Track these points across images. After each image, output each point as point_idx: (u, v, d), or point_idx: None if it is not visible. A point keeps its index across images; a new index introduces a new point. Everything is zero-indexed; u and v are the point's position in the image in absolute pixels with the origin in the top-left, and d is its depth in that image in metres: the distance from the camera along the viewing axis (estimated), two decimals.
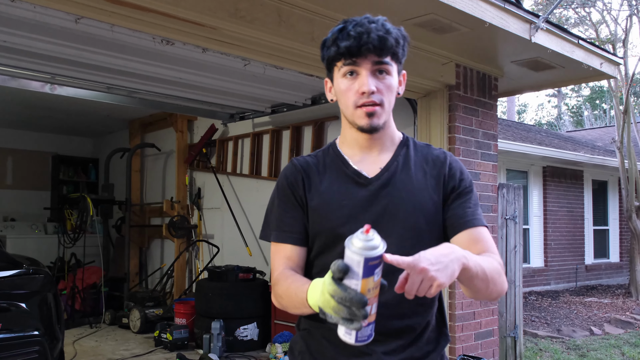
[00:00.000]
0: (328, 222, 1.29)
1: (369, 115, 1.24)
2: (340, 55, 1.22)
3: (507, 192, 4.78)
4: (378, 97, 1.23)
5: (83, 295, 6.42)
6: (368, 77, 1.21)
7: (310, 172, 1.35)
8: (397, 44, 1.23)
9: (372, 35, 1.19)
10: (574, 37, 3.86)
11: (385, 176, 1.30)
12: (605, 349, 5.61)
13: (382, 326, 1.23)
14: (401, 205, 1.27)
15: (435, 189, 1.31)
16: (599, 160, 10.25)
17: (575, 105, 29.26)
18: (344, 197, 1.29)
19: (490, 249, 1.29)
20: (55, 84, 4.52)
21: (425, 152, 1.37)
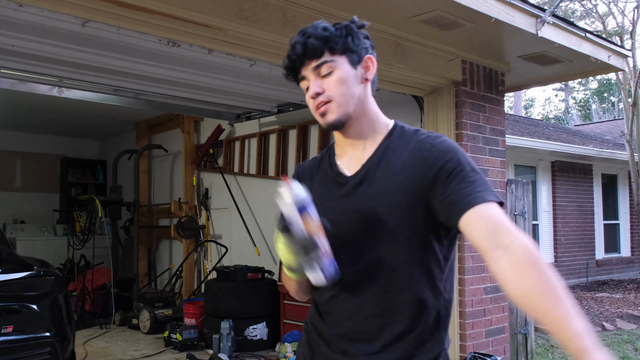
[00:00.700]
0: None
1: (322, 114, 1.27)
2: (288, 75, 1.30)
3: (515, 188, 4.76)
4: (325, 95, 1.25)
5: (93, 296, 6.46)
6: (312, 82, 1.26)
7: (304, 177, 1.40)
8: (327, 40, 1.23)
9: (297, 47, 1.24)
10: (581, 30, 3.83)
11: (362, 173, 1.27)
12: (617, 345, 5.57)
13: (362, 325, 1.25)
14: (372, 202, 1.24)
15: (415, 181, 1.22)
16: (608, 154, 10.17)
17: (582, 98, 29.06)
18: (325, 199, 1.29)
19: (506, 229, 1.11)
20: (63, 87, 4.55)
21: (409, 139, 1.29)
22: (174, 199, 7.03)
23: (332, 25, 1.26)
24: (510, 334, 4.46)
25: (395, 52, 3.46)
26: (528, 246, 1.08)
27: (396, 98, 4.40)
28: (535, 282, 1.04)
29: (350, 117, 1.27)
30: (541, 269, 1.05)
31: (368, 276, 1.24)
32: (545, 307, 1.02)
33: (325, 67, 1.24)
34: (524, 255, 1.07)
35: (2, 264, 3.18)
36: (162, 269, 7.41)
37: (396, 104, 4.49)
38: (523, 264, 1.07)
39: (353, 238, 1.25)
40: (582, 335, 0.97)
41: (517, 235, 1.11)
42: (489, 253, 1.12)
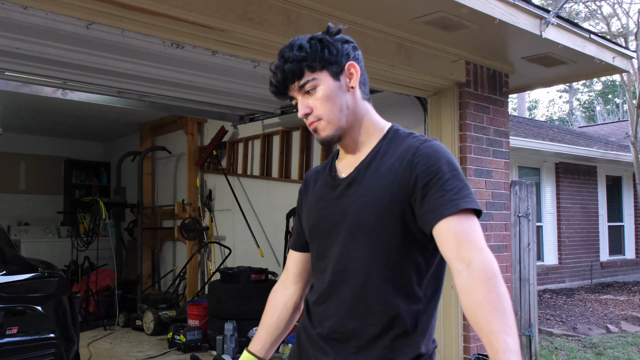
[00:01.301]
0: (307, 223, 1.39)
1: (315, 131, 1.30)
2: (277, 97, 1.34)
3: (519, 190, 4.75)
4: (313, 115, 1.28)
5: (97, 298, 6.47)
6: (300, 103, 1.29)
7: (311, 180, 1.44)
8: (303, 61, 1.24)
9: (277, 74, 1.27)
10: (585, 31, 3.82)
11: (352, 175, 1.30)
12: (622, 347, 5.54)
13: (339, 325, 1.27)
14: (359, 203, 1.26)
15: (398, 184, 1.22)
16: (613, 156, 10.14)
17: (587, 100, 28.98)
18: (320, 201, 1.35)
19: (471, 245, 1.13)
20: (67, 89, 4.57)
21: (400, 142, 1.29)
22: (178, 200, 7.04)
23: (307, 41, 1.26)
24: None
25: (399, 54, 3.45)
26: (487, 263, 1.12)
27: (400, 99, 4.39)
28: (482, 298, 1.08)
29: (344, 129, 1.29)
30: (492, 285, 1.09)
31: (347, 276, 1.27)
32: (484, 321, 1.06)
33: (308, 86, 1.26)
34: (481, 272, 1.11)
35: (7, 265, 3.18)
36: (166, 270, 7.42)
37: (400, 105, 4.49)
38: (477, 280, 1.10)
39: (338, 238, 1.28)
40: (508, 352, 1.01)
41: (479, 251, 1.13)
42: (452, 266, 1.16)
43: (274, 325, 1.46)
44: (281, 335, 1.47)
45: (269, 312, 1.47)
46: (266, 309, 1.48)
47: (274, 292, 1.50)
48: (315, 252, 1.37)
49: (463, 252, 1.13)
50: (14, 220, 7.85)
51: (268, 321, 1.46)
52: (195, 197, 6.89)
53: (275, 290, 1.50)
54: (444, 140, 3.95)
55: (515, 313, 4.62)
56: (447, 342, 3.90)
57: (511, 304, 1.09)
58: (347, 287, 1.26)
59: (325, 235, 1.31)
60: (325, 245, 1.31)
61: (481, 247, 1.14)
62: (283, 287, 1.49)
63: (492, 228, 4.05)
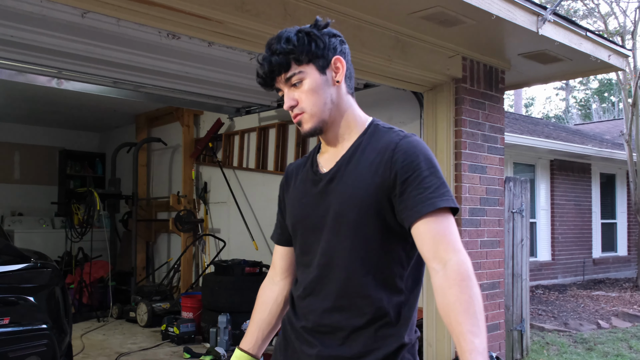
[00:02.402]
0: (290, 218, 1.39)
1: (299, 124, 1.31)
2: (264, 88, 1.34)
3: (513, 186, 4.76)
4: (298, 108, 1.29)
5: (90, 289, 6.46)
6: (286, 95, 1.30)
7: (292, 175, 1.44)
8: (290, 53, 1.24)
9: (264, 65, 1.27)
10: (582, 29, 3.82)
11: (334, 170, 1.31)
12: (612, 343, 5.59)
13: (324, 319, 1.29)
14: (340, 197, 1.27)
15: (378, 179, 1.24)
16: (607, 154, 10.18)
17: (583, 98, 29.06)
18: (302, 195, 1.36)
19: (448, 246, 1.17)
20: (62, 79, 4.54)
21: (380, 137, 1.30)
22: (173, 192, 7.02)
23: (295, 34, 1.26)
24: (505, 331, 4.48)
25: (396, 48, 3.45)
26: (462, 265, 1.16)
27: (396, 94, 4.39)
28: (455, 299, 1.13)
29: (326, 122, 1.30)
30: (465, 287, 1.13)
31: (330, 271, 1.28)
32: (455, 322, 1.11)
33: (295, 79, 1.27)
34: (456, 273, 1.15)
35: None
36: (160, 262, 7.42)
37: (396, 100, 4.48)
38: (452, 281, 1.15)
39: (322, 233, 1.30)
40: (475, 352, 1.06)
41: (456, 252, 1.17)
42: (429, 265, 1.20)
43: (265, 322, 1.46)
44: (273, 331, 1.48)
45: (260, 308, 1.48)
46: (256, 305, 1.49)
47: (263, 288, 1.51)
48: (299, 247, 1.38)
49: (440, 252, 1.17)
50: (7, 210, 7.82)
51: (259, 317, 1.47)
52: (190, 189, 6.88)
53: (265, 286, 1.50)
54: (439, 136, 3.96)
55: (507, 308, 4.65)
56: (439, 337, 3.92)
57: (482, 305, 1.14)
58: (331, 281, 1.28)
59: (308, 230, 1.33)
60: (309, 240, 1.33)
61: (457, 249, 1.18)
62: (272, 282, 1.49)
63: (486, 223, 4.06)
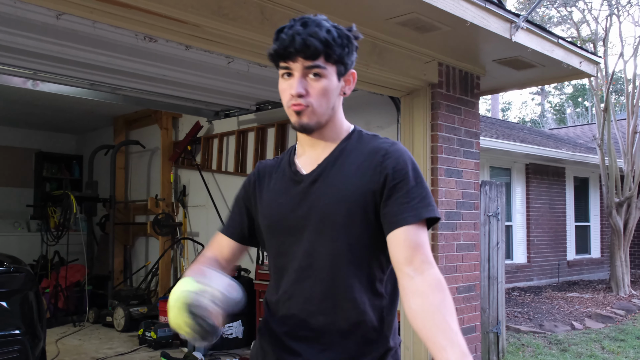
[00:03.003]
0: (266, 219, 1.35)
1: (297, 113, 1.24)
2: (272, 56, 1.24)
3: (489, 189, 4.84)
4: (305, 100, 1.23)
5: (66, 293, 6.37)
6: (297, 80, 1.22)
7: (265, 173, 1.41)
8: (327, 46, 1.20)
9: (296, 38, 1.19)
10: (554, 36, 3.91)
11: (317, 172, 1.30)
12: (586, 343, 5.70)
13: (308, 323, 1.26)
14: (326, 199, 1.26)
15: (367, 182, 1.25)
16: (580, 158, 10.38)
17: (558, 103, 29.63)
18: (280, 196, 1.33)
19: (425, 258, 1.19)
20: (38, 80, 4.48)
21: (368, 143, 1.32)
22: (151, 195, 6.97)
23: (335, 29, 1.23)
24: (482, 333, 4.54)
25: (373, 53, 3.49)
26: (441, 279, 1.18)
27: (373, 99, 4.44)
28: (440, 301, 1.14)
29: (321, 125, 1.28)
30: (447, 296, 1.16)
31: (314, 273, 1.26)
32: (444, 321, 1.13)
33: (316, 71, 1.22)
34: (437, 282, 1.17)
35: None
36: (138, 266, 7.34)
37: (373, 105, 4.53)
38: (434, 287, 1.17)
39: (303, 234, 1.28)
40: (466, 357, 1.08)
41: (431, 265, 1.20)
42: (401, 269, 1.20)
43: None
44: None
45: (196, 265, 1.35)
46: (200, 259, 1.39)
47: (197, 260, 1.41)
48: (275, 249, 1.34)
49: (416, 261, 1.19)
50: None
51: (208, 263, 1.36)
52: (168, 192, 6.83)
53: (210, 258, 1.41)
54: (416, 140, 4.01)
55: (483, 310, 4.72)
56: (416, 340, 3.96)
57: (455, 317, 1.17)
58: (314, 283, 1.26)
59: (287, 231, 1.30)
60: (288, 241, 1.30)
61: (433, 263, 1.20)
62: (217, 261, 1.41)
63: (462, 227, 4.12)
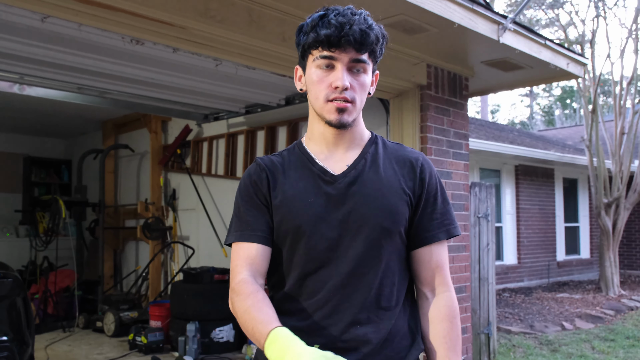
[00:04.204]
0: (293, 219, 1.22)
1: (340, 110, 1.18)
2: (318, 43, 1.16)
3: (479, 191, 4.86)
4: (351, 94, 1.18)
5: (56, 299, 6.31)
6: (344, 72, 1.16)
7: (275, 170, 1.28)
8: (377, 41, 1.19)
9: (354, 27, 1.13)
10: (541, 37, 3.94)
11: (353, 174, 1.24)
12: (576, 344, 5.73)
13: (346, 333, 1.18)
14: (370, 204, 1.21)
15: (406, 190, 1.26)
16: (569, 159, 10.46)
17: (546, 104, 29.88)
18: (309, 195, 1.23)
19: (444, 278, 1.29)
20: (24, 84, 4.44)
21: (396, 151, 1.32)
22: (141, 199, 6.93)
23: (378, 26, 1.21)
24: (473, 334, 4.55)
25: None
26: (453, 302, 1.27)
27: None
28: (446, 333, 1.24)
29: (355, 123, 1.26)
30: (455, 325, 1.26)
31: (358, 281, 1.20)
32: (444, 355, 1.23)
33: (361, 66, 1.19)
34: (448, 309, 1.26)
35: None
36: (128, 270, 7.29)
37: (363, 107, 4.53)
38: (443, 315, 1.26)
39: (343, 239, 1.21)
40: None
41: (448, 287, 1.29)
42: (421, 288, 1.30)
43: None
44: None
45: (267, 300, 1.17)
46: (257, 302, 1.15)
47: (252, 284, 1.19)
48: (303, 250, 1.22)
49: (435, 282, 1.28)
50: None
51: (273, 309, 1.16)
52: (158, 196, 6.79)
53: (252, 283, 1.20)
54: (406, 142, 4.02)
55: (474, 312, 4.73)
56: None
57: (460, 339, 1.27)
58: (357, 291, 1.19)
59: (321, 232, 1.20)
60: (321, 244, 1.20)
61: (449, 284, 1.29)
62: (255, 282, 1.21)
63: None
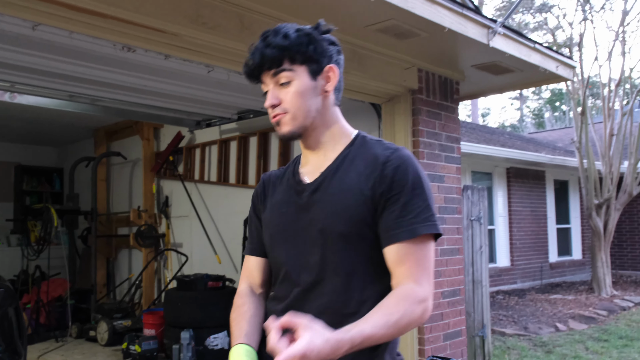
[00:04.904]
0: (269, 229, 1.33)
1: (277, 124, 1.25)
2: (248, 80, 1.28)
3: (471, 194, 4.89)
4: (281, 107, 1.23)
5: (48, 308, 6.25)
6: (269, 92, 1.24)
7: (270, 184, 1.39)
8: (286, 49, 1.20)
9: (256, 54, 1.22)
10: (530, 41, 3.98)
11: (318, 181, 1.27)
12: (570, 345, 5.76)
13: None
14: (327, 209, 1.23)
15: (366, 192, 1.21)
16: (560, 161, 10.54)
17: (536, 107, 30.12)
18: (283, 206, 1.31)
19: (411, 274, 1.18)
20: (15, 93, 4.43)
21: (370, 148, 1.27)
22: (133, 207, 6.90)
23: (295, 31, 1.23)
24: (467, 337, 4.56)
25: (353, 60, 3.51)
26: (415, 291, 1.16)
27: (355, 105, 4.46)
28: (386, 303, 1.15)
29: (307, 129, 1.25)
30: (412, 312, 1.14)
31: (321, 285, 1.23)
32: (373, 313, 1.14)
33: (283, 77, 1.22)
34: (405, 292, 1.16)
35: None
36: (121, 278, 7.25)
37: (355, 112, 4.55)
38: (409, 298, 1.16)
39: (307, 245, 1.24)
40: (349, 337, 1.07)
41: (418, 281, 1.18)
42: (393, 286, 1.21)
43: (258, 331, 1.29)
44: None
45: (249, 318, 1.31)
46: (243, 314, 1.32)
47: (245, 296, 1.37)
48: (277, 257, 1.30)
49: (401, 278, 1.19)
50: None
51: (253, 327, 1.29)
52: (151, 203, 6.77)
53: (246, 295, 1.37)
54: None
55: (468, 314, 4.74)
56: (402, 345, 3.96)
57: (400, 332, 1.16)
58: (317, 296, 1.22)
59: (289, 241, 1.27)
60: (290, 251, 1.26)
61: (419, 280, 1.18)
62: (253, 293, 1.38)
63: (445, 232, 4.15)
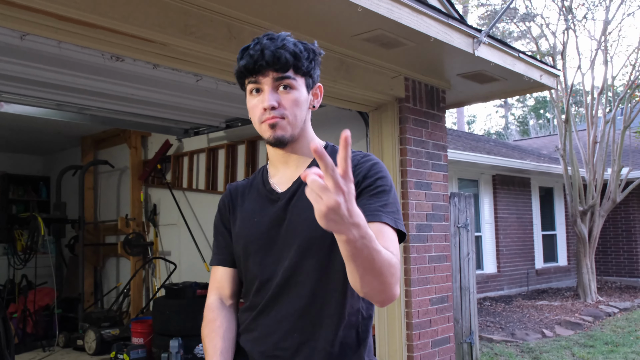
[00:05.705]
0: (241, 240, 1.33)
1: (272, 126, 1.24)
2: (242, 74, 1.25)
3: (458, 201, 4.94)
4: (280, 111, 1.23)
5: (35, 317, 6.18)
6: (269, 93, 1.22)
7: (237, 195, 1.40)
8: (296, 58, 1.23)
9: (265, 52, 1.21)
10: (515, 50, 4.05)
11: (292, 189, 1.29)
12: (556, 351, 5.81)
13: (284, 341, 1.23)
14: (301, 214, 1.24)
15: None
16: (545, 168, 10.64)
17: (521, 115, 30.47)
18: (256, 215, 1.32)
19: (388, 247, 1.12)
20: (3, 102, 4.40)
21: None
22: (121, 215, 6.86)
23: (301, 44, 1.26)
24: (455, 344, 4.59)
25: (340, 69, 3.55)
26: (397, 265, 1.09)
27: (342, 114, 4.50)
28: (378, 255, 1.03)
29: (295, 138, 1.28)
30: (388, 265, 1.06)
31: (291, 290, 1.25)
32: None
33: (287, 82, 1.23)
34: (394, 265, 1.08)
35: None
36: (109, 287, 7.19)
37: (342, 120, 4.59)
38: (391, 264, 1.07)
39: (282, 253, 1.26)
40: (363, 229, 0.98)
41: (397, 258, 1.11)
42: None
43: (230, 349, 1.33)
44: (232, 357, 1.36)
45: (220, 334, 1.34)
46: (213, 330, 1.35)
47: (215, 310, 1.38)
48: (251, 268, 1.32)
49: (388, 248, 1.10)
50: None
51: (224, 345, 1.33)
52: (139, 211, 6.74)
53: (217, 309, 1.39)
54: (386, 154, 4.08)
55: (456, 321, 4.78)
56: (391, 352, 3.98)
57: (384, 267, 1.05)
58: (292, 300, 1.24)
59: (264, 249, 1.29)
60: (265, 260, 1.28)
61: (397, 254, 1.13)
62: (223, 305, 1.39)
63: (433, 239, 4.19)
